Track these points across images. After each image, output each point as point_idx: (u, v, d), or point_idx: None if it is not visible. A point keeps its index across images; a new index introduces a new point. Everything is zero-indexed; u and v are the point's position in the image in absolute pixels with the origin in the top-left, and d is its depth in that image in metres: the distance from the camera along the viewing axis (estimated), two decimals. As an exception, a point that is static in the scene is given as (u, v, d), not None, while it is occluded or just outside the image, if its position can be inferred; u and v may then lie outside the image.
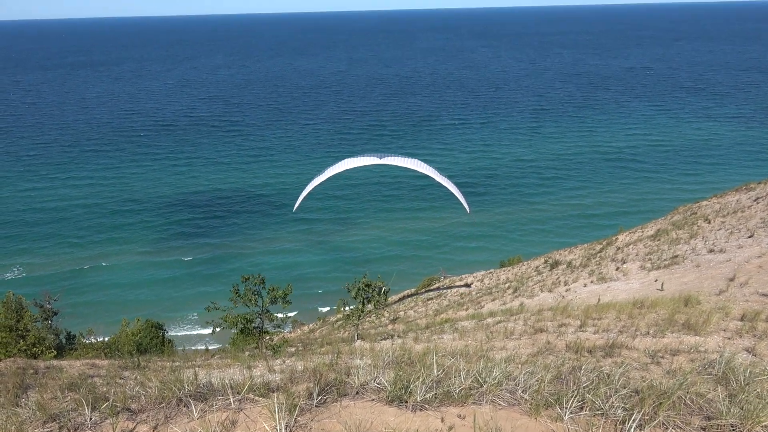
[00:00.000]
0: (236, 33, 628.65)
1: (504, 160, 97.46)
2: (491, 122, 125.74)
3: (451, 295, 39.87)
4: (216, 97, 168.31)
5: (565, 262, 36.18)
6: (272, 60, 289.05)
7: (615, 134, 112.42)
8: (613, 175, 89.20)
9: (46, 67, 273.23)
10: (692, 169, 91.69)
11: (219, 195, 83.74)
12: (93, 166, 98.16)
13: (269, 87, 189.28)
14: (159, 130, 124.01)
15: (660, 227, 36.27)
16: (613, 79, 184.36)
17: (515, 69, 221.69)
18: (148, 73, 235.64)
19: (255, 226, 73.01)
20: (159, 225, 73.52)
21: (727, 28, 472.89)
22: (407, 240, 68.02)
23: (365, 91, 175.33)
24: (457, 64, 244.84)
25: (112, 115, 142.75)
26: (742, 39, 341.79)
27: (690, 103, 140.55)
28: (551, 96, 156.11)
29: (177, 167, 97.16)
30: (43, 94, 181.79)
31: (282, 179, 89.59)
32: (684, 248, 28.13)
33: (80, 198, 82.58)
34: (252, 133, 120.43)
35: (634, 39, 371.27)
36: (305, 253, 66.06)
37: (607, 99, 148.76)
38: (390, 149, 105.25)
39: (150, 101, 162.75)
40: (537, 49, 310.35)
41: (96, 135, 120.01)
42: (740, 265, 22.17)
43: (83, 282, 59.05)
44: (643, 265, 27.77)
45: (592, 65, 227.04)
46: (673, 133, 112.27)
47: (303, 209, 77.02)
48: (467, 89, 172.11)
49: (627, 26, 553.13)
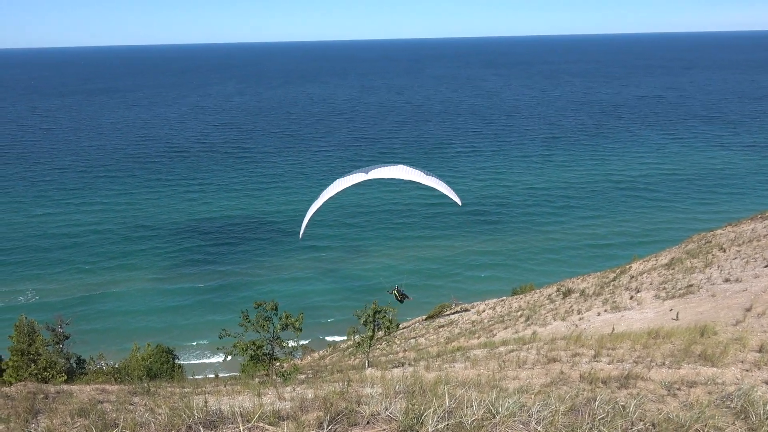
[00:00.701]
0: (249, 61, 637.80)
1: (516, 188, 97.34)
2: (503, 150, 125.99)
3: (463, 323, 39.56)
4: (228, 124, 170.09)
5: (578, 291, 35.84)
6: (284, 87, 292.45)
7: (628, 163, 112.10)
8: (626, 204, 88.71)
9: (63, 93, 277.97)
10: (706, 198, 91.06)
11: (230, 221, 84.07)
12: (106, 191, 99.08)
13: (281, 114, 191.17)
14: (172, 157, 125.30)
15: (674, 256, 35.92)
16: (624, 108, 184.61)
17: (526, 97, 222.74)
18: (162, 100, 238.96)
19: (266, 253, 73.01)
20: (170, 251, 73.75)
21: (739, 57, 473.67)
22: (418, 268, 67.67)
23: (377, 119, 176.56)
24: (468, 92, 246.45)
25: (126, 141, 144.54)
26: (755, 68, 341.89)
27: (703, 132, 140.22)
28: (563, 124, 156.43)
29: (189, 193, 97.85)
30: (59, 120, 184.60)
31: (293, 206, 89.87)
32: (699, 277, 27.80)
33: (92, 224, 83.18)
34: (264, 160, 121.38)
35: (645, 68, 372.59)
36: (315, 281, 65.83)
37: (619, 127, 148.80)
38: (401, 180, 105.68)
39: (163, 127, 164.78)
40: (548, 78, 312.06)
41: (109, 161, 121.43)
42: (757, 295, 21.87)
43: (94, 308, 59.14)
44: (657, 294, 27.45)
45: (603, 93, 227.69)
46: (686, 161, 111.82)
47: (314, 237, 77.14)
48: (478, 117, 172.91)
49: (637, 55, 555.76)
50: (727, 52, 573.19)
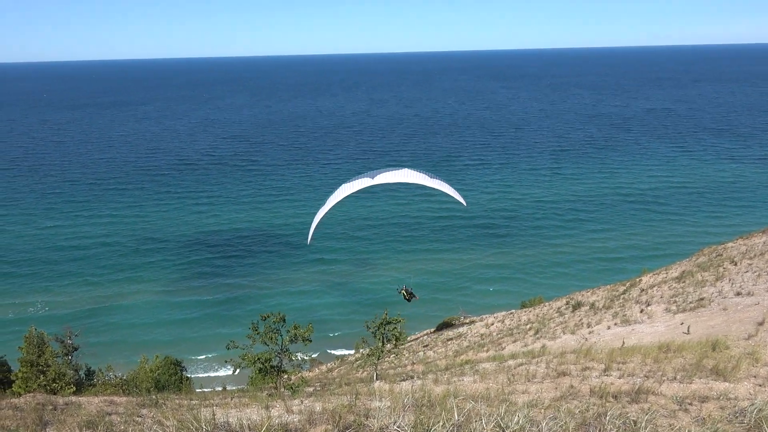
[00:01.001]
0: (260, 74, 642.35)
1: (525, 201, 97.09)
2: (511, 163, 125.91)
3: (471, 336, 39.37)
4: (238, 137, 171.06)
5: (587, 304, 35.62)
6: (294, 100, 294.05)
7: (637, 175, 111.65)
8: (635, 217, 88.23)
9: (74, 106, 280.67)
10: (717, 211, 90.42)
11: (238, 234, 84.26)
12: (115, 204, 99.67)
13: (291, 127, 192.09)
14: (181, 169, 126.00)
15: (685, 269, 35.66)
16: (633, 120, 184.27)
17: (535, 110, 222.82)
18: (172, 113, 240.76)
19: (273, 266, 73.04)
20: (178, 264, 73.93)
21: (747, 69, 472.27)
22: (427, 282, 67.39)
23: (385, 131, 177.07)
24: (476, 105, 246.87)
25: (136, 153, 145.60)
26: (764, 81, 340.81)
27: (713, 145, 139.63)
28: (572, 137, 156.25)
29: (197, 206, 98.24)
30: (70, 132, 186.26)
31: (301, 219, 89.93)
32: (710, 291, 27.57)
33: (101, 236, 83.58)
34: (272, 173, 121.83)
35: (654, 80, 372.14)
36: (323, 294, 65.70)
37: (628, 140, 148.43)
38: (409, 187, 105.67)
39: (173, 140, 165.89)
40: (556, 90, 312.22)
41: (119, 173, 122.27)
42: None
43: (102, 321, 59.24)
44: (668, 307, 27.23)
45: (612, 106, 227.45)
46: (696, 174, 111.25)
47: (322, 250, 77.18)
48: (487, 130, 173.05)
49: (646, 68, 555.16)
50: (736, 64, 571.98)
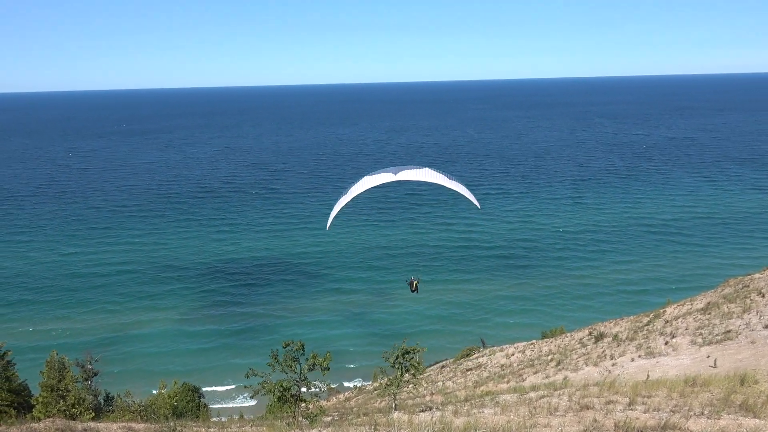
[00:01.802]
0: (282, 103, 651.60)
1: (545, 231, 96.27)
2: (531, 192, 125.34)
3: (491, 367, 38.82)
4: (259, 164, 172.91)
5: (610, 335, 34.99)
6: (315, 128, 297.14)
7: (660, 205, 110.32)
8: (659, 248, 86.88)
9: (101, 134, 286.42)
10: (742, 242, 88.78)
11: (257, 262, 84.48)
12: (136, 230, 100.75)
13: (311, 154, 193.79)
14: (202, 197, 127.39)
15: (710, 300, 34.95)
16: (655, 149, 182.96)
17: (555, 138, 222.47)
18: (195, 141, 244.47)
19: (291, 295, 72.81)
20: (197, 292, 74.11)
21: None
22: (446, 314, 66.73)
23: (405, 159, 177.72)
24: (496, 134, 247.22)
25: (159, 181, 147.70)
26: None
27: (738, 174, 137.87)
28: (593, 166, 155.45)
29: (217, 233, 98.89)
30: (95, 160, 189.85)
31: (320, 247, 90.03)
32: (737, 323, 26.95)
33: (121, 263, 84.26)
34: (292, 200, 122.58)
35: (676, 109, 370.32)
36: (340, 325, 65.15)
37: (650, 169, 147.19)
38: (428, 217, 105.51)
39: (195, 168, 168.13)
40: (576, 119, 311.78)
41: (141, 200, 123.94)
42: (799, 342, 21.07)
43: (119, 350, 59.17)
44: (693, 339, 26.64)
45: (633, 135, 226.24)
46: (721, 204, 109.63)
47: (339, 279, 76.98)
48: (507, 158, 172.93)
49: (668, 97, 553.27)
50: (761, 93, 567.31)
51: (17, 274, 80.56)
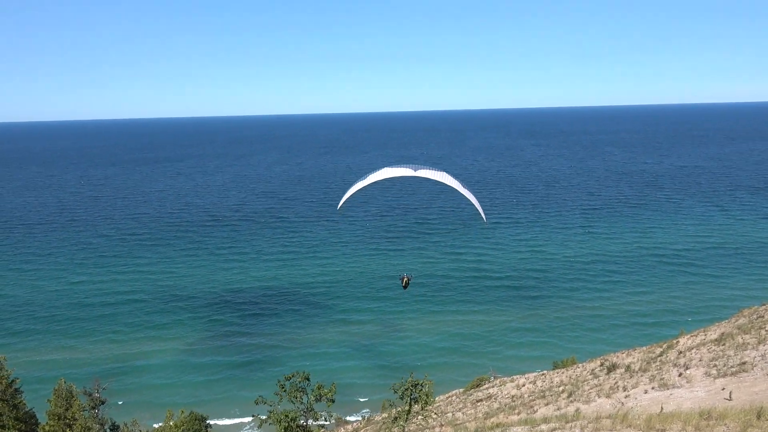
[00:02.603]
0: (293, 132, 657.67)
1: (556, 260, 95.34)
2: (542, 220, 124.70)
3: (502, 398, 38.22)
4: (269, 193, 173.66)
5: (623, 366, 34.39)
6: (325, 157, 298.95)
7: (672, 235, 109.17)
8: (671, 278, 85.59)
9: (113, 162, 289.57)
10: (756, 271, 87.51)
11: (264, 292, 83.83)
12: (145, 259, 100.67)
13: (321, 183, 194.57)
14: (212, 225, 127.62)
15: (724, 331, 34.35)
16: (666, 178, 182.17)
17: (565, 167, 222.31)
18: (206, 169, 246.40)
19: (298, 326, 71.79)
20: (204, 323, 73.35)
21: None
22: (455, 345, 65.50)
23: (414, 187, 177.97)
24: (505, 162, 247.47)
25: (169, 209, 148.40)
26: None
27: (750, 203, 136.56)
28: (603, 194, 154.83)
29: (225, 262, 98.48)
30: (107, 188, 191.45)
31: (328, 277, 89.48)
32: (752, 354, 26.42)
33: (128, 292, 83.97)
34: (301, 229, 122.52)
35: (687, 138, 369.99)
36: (348, 357, 63.75)
37: (661, 198, 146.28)
38: (438, 246, 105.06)
39: (205, 196, 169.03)
40: (586, 148, 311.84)
41: (150, 229, 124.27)
42: (816, 375, 20.63)
43: (125, 381, 58.04)
44: (708, 371, 26.11)
45: (643, 164, 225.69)
46: (734, 234, 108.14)
47: (346, 310, 75.99)
48: (517, 187, 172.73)
49: (677, 126, 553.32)
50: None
51: (25, 302, 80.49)
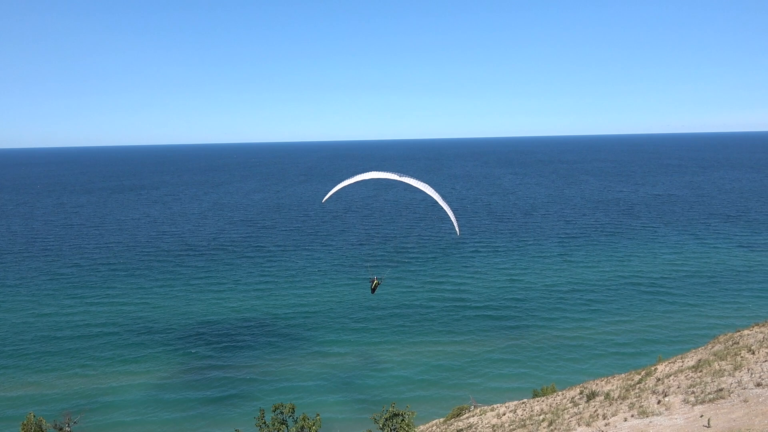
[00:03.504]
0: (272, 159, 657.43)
1: (534, 289, 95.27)
2: (521, 249, 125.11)
3: (482, 427, 37.92)
4: (247, 221, 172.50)
5: (602, 393, 34.38)
6: (304, 185, 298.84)
7: (649, 263, 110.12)
8: (648, 305, 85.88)
9: (89, 190, 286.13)
10: (731, 298, 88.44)
11: (240, 324, 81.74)
12: (118, 289, 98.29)
13: (299, 211, 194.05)
14: (189, 254, 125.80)
15: (701, 357, 34.60)
16: (642, 206, 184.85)
17: (542, 195, 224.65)
18: (184, 197, 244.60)
19: (276, 359, 69.94)
20: (178, 355, 71.35)
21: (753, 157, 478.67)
22: (436, 378, 64.26)
23: (392, 215, 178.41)
24: (484, 190, 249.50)
25: (145, 237, 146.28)
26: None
27: (724, 231, 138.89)
28: (580, 222, 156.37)
29: (201, 293, 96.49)
30: (83, 216, 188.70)
31: (305, 308, 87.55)
32: (729, 381, 26.60)
33: (99, 325, 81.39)
34: (279, 258, 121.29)
35: (661, 167, 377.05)
36: (327, 392, 61.87)
37: (637, 227, 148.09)
38: (416, 275, 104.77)
39: (183, 224, 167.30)
40: (563, 177, 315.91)
41: (125, 258, 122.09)
42: (792, 401, 20.83)
43: (90, 419, 55.30)
44: (686, 398, 26.20)
45: (618, 192, 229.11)
46: (710, 262, 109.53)
47: (325, 343, 74.41)
48: (495, 215, 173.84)
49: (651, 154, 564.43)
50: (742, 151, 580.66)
51: (-10, 336, 77.34)
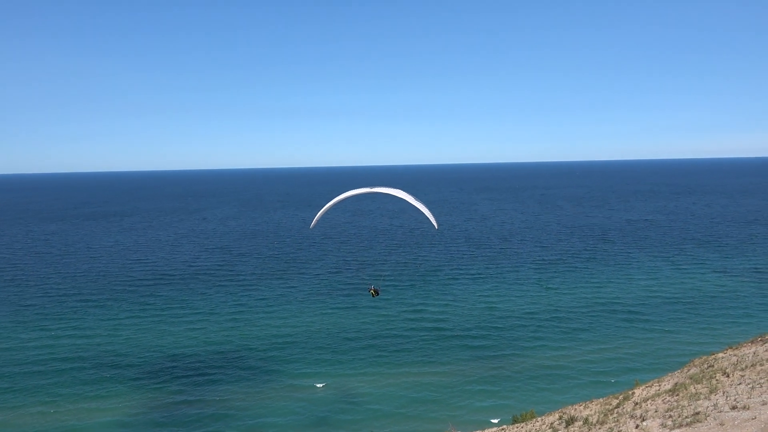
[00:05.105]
0: (248, 186, 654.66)
1: (513, 316, 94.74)
2: (498, 275, 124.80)
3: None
4: (222, 248, 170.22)
5: (581, 419, 33.73)
6: (280, 211, 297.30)
7: (624, 288, 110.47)
8: (624, 329, 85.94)
9: (61, 217, 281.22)
10: (706, 322, 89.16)
11: (213, 356, 79.17)
12: (87, 320, 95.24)
13: (275, 238, 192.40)
14: (162, 283, 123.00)
15: (677, 381, 34.22)
16: (616, 232, 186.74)
17: (518, 221, 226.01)
18: (158, 224, 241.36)
19: (249, 393, 67.12)
20: (147, 390, 68.34)
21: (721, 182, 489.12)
22: (414, 413, 62.18)
23: (369, 241, 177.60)
24: (461, 216, 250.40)
25: (116, 265, 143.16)
26: (739, 193, 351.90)
27: (699, 256, 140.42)
28: (557, 248, 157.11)
29: (173, 324, 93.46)
30: (53, 244, 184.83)
31: (280, 339, 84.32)
32: (705, 404, 26.17)
33: (64, 359, 77.78)
34: (254, 286, 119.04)
35: (633, 193, 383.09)
36: (300, 428, 59.07)
37: (612, 252, 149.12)
38: (393, 302, 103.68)
39: (157, 252, 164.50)
40: (540, 203, 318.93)
41: (96, 287, 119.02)
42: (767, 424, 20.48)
43: None
44: (663, 422, 25.69)
45: (594, 218, 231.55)
46: (684, 286, 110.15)
47: (301, 375, 72.22)
48: (472, 241, 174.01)
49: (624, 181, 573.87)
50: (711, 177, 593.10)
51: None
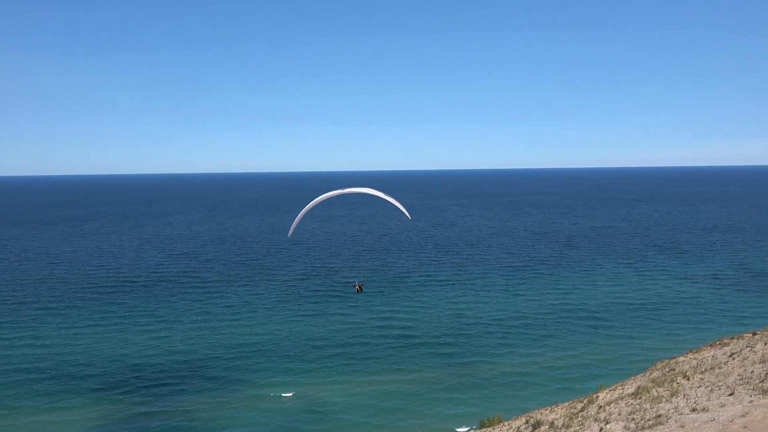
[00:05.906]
0: (217, 191, 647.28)
1: (481, 322, 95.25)
2: (467, 281, 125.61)
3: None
4: (188, 253, 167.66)
5: (547, 423, 34.28)
6: (248, 216, 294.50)
7: (589, 294, 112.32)
8: (588, 334, 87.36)
9: (21, 221, 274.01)
10: (667, 327, 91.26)
11: (177, 366, 77.40)
12: (45, 328, 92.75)
13: (242, 243, 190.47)
14: (125, 289, 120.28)
15: (640, 384, 35.04)
16: (581, 238, 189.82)
17: (486, 227, 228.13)
18: (121, 229, 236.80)
19: (214, 405, 65.57)
20: (107, 402, 66.27)
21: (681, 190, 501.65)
22: (383, 422, 61.80)
23: (338, 248, 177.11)
24: (430, 222, 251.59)
25: (78, 271, 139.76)
26: (697, 201, 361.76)
27: (661, 262, 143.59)
28: (524, 254, 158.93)
29: (137, 333, 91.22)
30: (10, 249, 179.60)
31: (246, 348, 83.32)
32: (666, 407, 26.89)
33: (19, 370, 75.28)
34: (222, 291, 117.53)
35: (597, 200, 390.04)
36: None
37: (577, 258, 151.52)
38: (362, 309, 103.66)
39: (120, 257, 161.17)
40: (507, 209, 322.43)
41: (56, 294, 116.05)
42: (725, 425, 21.09)
43: None
44: (627, 425, 26.31)
45: (560, 224, 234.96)
46: (647, 292, 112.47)
47: (266, 385, 70.98)
48: (440, 247, 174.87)
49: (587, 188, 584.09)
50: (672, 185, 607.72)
51: None
